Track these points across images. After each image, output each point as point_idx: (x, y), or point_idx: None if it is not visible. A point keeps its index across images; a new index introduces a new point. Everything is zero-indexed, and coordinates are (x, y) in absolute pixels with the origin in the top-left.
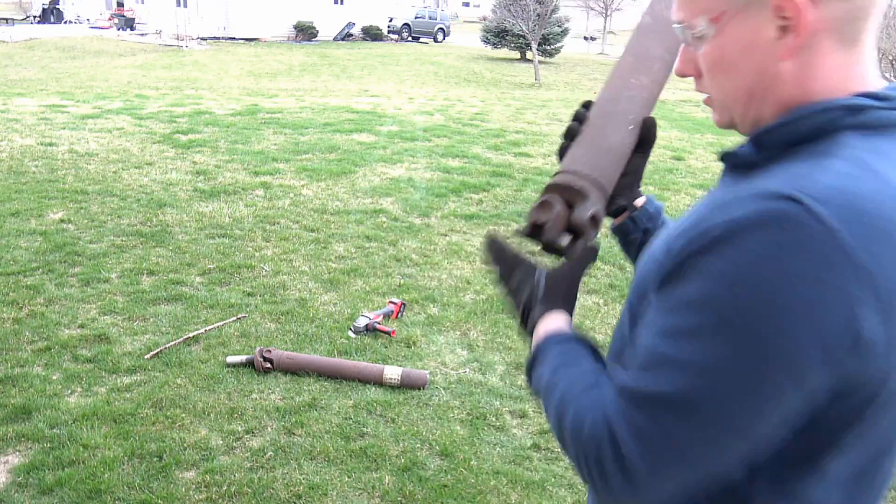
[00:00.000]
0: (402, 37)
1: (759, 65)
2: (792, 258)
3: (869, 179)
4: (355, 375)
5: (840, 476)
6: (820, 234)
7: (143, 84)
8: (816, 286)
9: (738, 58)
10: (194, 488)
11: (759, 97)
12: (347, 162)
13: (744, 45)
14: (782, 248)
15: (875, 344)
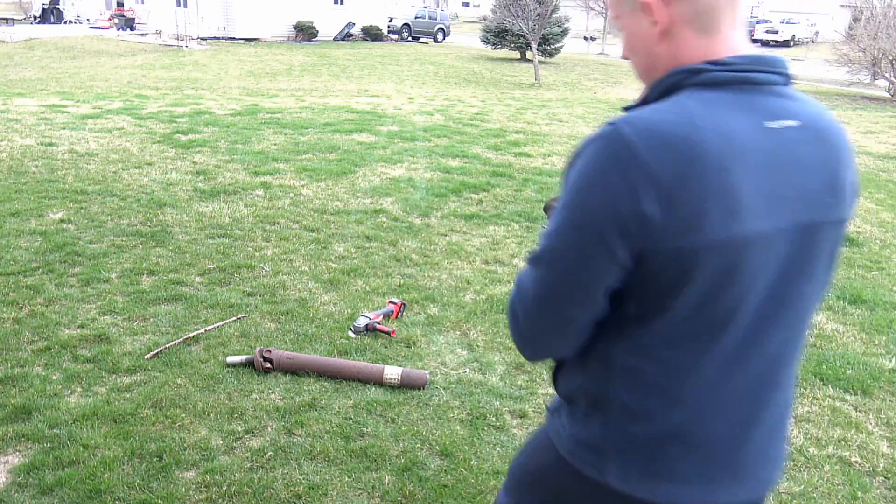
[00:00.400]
0: (402, 37)
1: (646, 48)
2: (602, 160)
3: (676, 114)
4: (355, 375)
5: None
6: (620, 145)
7: (143, 84)
8: (613, 176)
9: (635, 44)
10: (194, 488)
11: (652, 68)
12: (347, 162)
13: (635, 35)
14: (598, 154)
15: (657, 223)
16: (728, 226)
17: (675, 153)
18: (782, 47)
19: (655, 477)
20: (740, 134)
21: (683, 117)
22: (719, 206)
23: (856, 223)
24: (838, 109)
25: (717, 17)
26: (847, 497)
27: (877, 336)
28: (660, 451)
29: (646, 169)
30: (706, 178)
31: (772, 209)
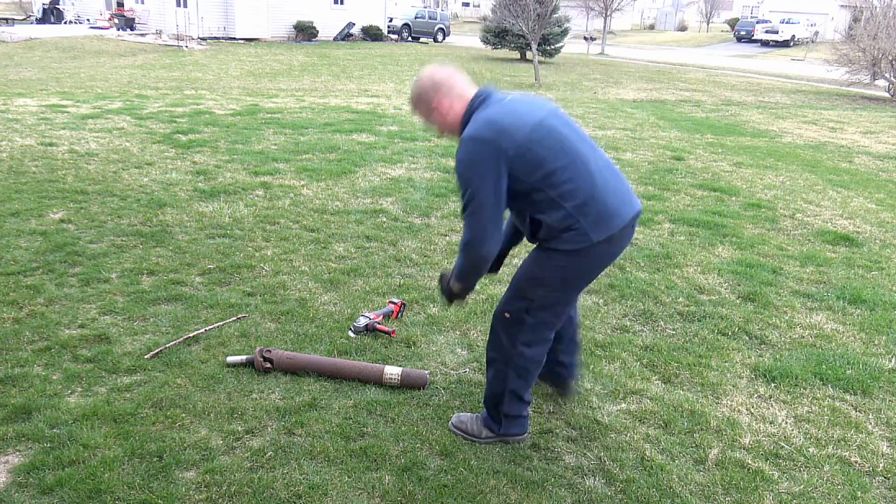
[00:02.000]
0: (402, 37)
1: (444, 122)
2: (471, 146)
3: (486, 114)
4: (355, 375)
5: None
6: (477, 137)
7: (144, 84)
8: (482, 149)
9: (441, 124)
10: (194, 488)
11: (453, 128)
12: (347, 162)
13: (438, 120)
14: (468, 145)
15: (512, 157)
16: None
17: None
18: (782, 47)
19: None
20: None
21: (491, 112)
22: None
23: (856, 223)
24: (838, 109)
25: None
26: (847, 497)
27: (877, 336)
28: (599, 215)
29: (495, 142)
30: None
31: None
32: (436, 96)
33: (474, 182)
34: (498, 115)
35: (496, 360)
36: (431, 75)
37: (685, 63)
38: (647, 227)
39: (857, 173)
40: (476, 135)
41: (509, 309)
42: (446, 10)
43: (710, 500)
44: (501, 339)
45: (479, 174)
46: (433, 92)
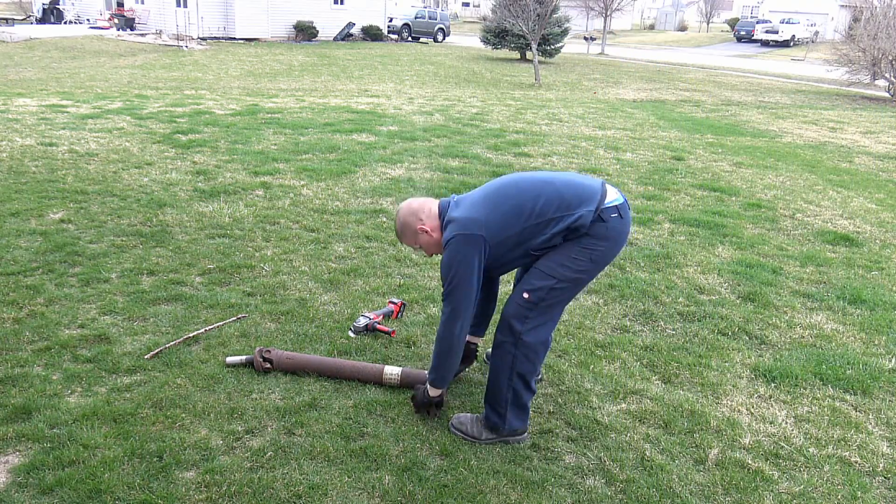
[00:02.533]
0: (402, 37)
1: (433, 240)
2: (459, 247)
3: (461, 217)
4: (355, 375)
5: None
6: (461, 239)
7: (144, 84)
8: (466, 250)
9: (430, 243)
10: (194, 488)
11: (437, 246)
12: (347, 162)
13: (426, 241)
14: (456, 246)
15: (485, 257)
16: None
17: (477, 234)
18: (782, 47)
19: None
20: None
21: (464, 215)
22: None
23: (856, 223)
24: (838, 109)
25: (433, 207)
26: (847, 497)
27: (877, 336)
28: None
29: (475, 245)
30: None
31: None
32: (417, 221)
33: (451, 268)
34: (469, 213)
35: (505, 342)
36: (408, 206)
37: (685, 63)
38: (647, 227)
39: (857, 173)
40: (456, 237)
41: (531, 289)
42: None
43: (710, 500)
44: (513, 324)
45: (457, 262)
46: (414, 218)
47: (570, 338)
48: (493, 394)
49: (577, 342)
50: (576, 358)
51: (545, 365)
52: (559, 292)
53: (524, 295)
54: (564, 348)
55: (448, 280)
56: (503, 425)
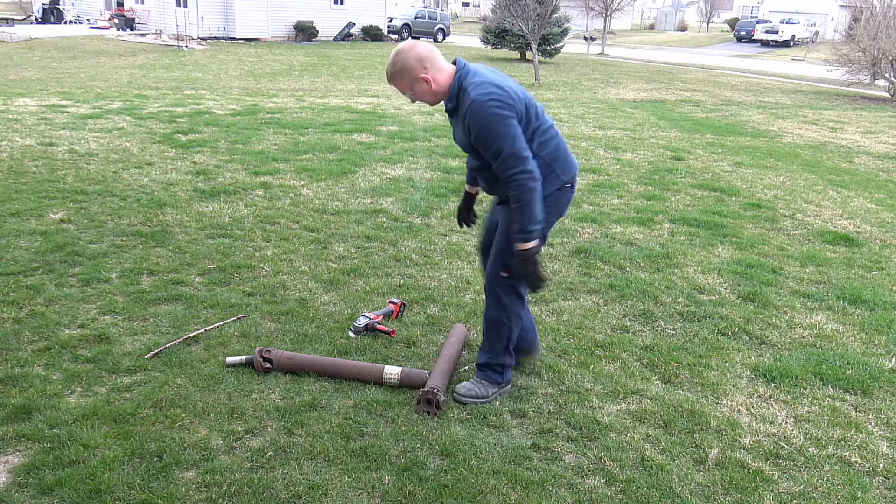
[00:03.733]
0: (402, 37)
1: (430, 91)
2: (490, 106)
3: (486, 78)
4: (355, 375)
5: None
6: (494, 97)
7: (144, 84)
8: (500, 105)
9: (425, 92)
10: (194, 488)
11: (439, 94)
12: (347, 162)
13: (424, 89)
14: (486, 106)
15: (521, 108)
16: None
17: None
18: (782, 47)
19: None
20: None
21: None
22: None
23: (856, 223)
24: (838, 109)
25: (441, 64)
26: (847, 497)
27: (877, 336)
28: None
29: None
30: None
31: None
32: (422, 69)
33: (500, 133)
34: (498, 79)
35: (500, 318)
36: (414, 51)
37: (685, 63)
38: (647, 227)
39: (857, 173)
40: (491, 95)
41: (504, 264)
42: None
43: (710, 500)
44: (501, 298)
45: (504, 125)
46: (419, 65)
47: (570, 338)
48: (496, 362)
49: (577, 342)
50: (576, 358)
51: (545, 365)
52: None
53: (501, 273)
54: (564, 348)
55: (491, 145)
56: (503, 378)
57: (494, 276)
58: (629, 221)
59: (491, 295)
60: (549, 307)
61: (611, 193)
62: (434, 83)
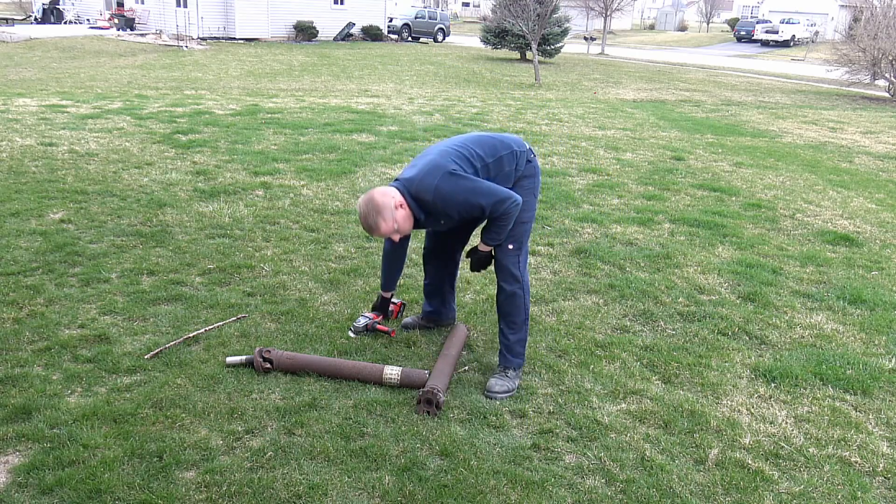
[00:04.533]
0: (402, 37)
1: (405, 217)
2: (447, 183)
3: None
4: (355, 375)
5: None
6: (447, 174)
7: (144, 84)
8: (458, 174)
9: (403, 219)
10: (194, 488)
11: (408, 220)
12: (347, 162)
13: (402, 217)
14: (444, 185)
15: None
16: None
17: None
18: (782, 47)
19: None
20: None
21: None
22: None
23: (856, 223)
24: (838, 109)
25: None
26: (847, 497)
27: (877, 336)
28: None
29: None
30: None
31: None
32: (391, 200)
33: (470, 193)
34: (431, 161)
35: (515, 291)
36: (371, 198)
37: (685, 63)
38: (647, 227)
39: (857, 173)
40: (440, 178)
41: (512, 241)
42: (446, 11)
43: (710, 500)
44: (513, 272)
45: (467, 187)
46: (389, 199)
47: (570, 338)
48: (516, 339)
49: (577, 342)
50: (576, 358)
51: (545, 365)
52: (528, 230)
53: (509, 246)
54: (564, 348)
55: (478, 199)
56: (523, 357)
57: (504, 252)
58: (629, 221)
59: (503, 272)
60: (549, 307)
61: (611, 193)
62: (404, 206)
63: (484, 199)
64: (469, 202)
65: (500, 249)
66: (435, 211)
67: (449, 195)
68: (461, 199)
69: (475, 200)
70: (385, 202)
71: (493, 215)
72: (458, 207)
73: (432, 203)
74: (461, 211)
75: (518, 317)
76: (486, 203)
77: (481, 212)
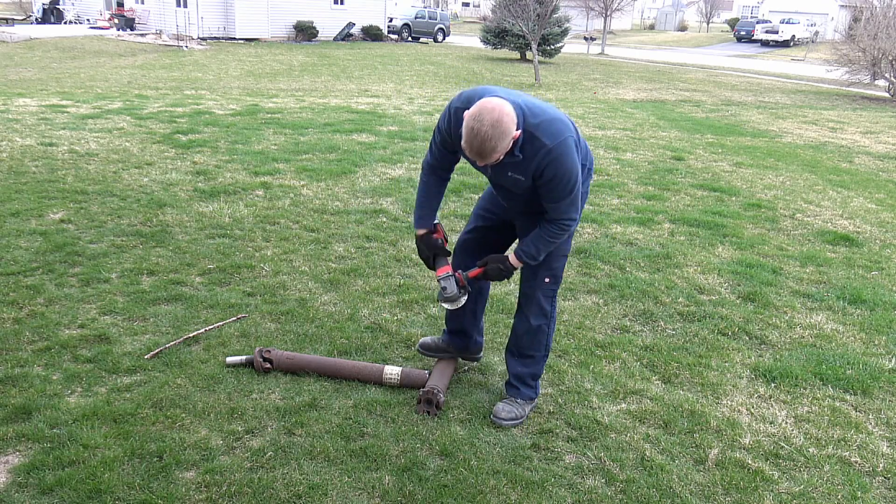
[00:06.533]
0: (402, 37)
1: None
2: (572, 151)
3: (553, 116)
4: (355, 375)
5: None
6: (572, 142)
7: (144, 84)
8: (574, 151)
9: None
10: (194, 488)
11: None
12: (347, 162)
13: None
14: (569, 150)
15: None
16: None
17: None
18: (782, 47)
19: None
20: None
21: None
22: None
23: (856, 223)
24: (838, 109)
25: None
26: (847, 497)
27: (877, 336)
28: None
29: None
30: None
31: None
32: (514, 126)
33: (575, 178)
34: (560, 115)
35: (542, 326)
36: (500, 114)
37: (685, 63)
38: (647, 227)
39: (857, 173)
40: (567, 137)
41: (549, 274)
42: (446, 10)
43: (710, 500)
44: (543, 305)
45: (578, 168)
46: (512, 125)
47: (570, 338)
48: (530, 371)
49: (577, 342)
50: (576, 358)
51: (545, 365)
52: (565, 263)
53: (546, 280)
54: (564, 348)
55: (570, 188)
56: (537, 392)
57: (539, 285)
58: (629, 221)
59: (532, 304)
60: None
61: (611, 193)
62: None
63: (568, 193)
64: (562, 182)
65: (536, 281)
66: (528, 164)
67: (559, 159)
68: (562, 172)
69: (565, 185)
70: (510, 128)
71: (552, 217)
72: (550, 177)
73: (541, 153)
74: (547, 184)
75: (538, 352)
76: (565, 197)
77: (552, 201)
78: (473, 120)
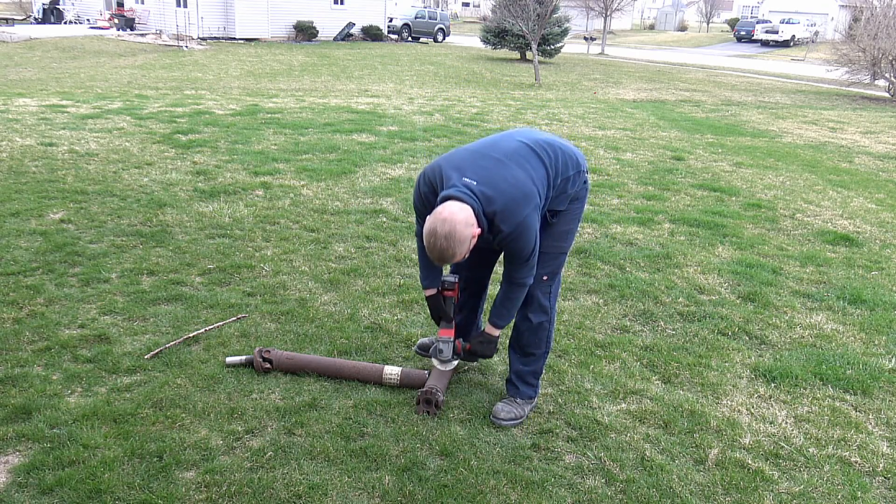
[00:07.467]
0: (402, 37)
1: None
2: (531, 223)
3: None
4: (355, 375)
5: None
6: (533, 215)
7: (144, 84)
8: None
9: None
10: (194, 488)
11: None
12: (347, 162)
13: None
14: (529, 222)
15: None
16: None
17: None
18: (782, 47)
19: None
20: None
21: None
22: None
23: (856, 223)
24: (838, 109)
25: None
26: (847, 497)
27: (877, 336)
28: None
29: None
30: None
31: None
32: (470, 230)
33: (531, 247)
34: (519, 189)
35: (542, 322)
36: (452, 224)
37: (685, 63)
38: (647, 227)
39: (857, 173)
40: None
41: (547, 271)
42: (446, 10)
43: (710, 500)
44: (543, 303)
45: (533, 241)
46: (468, 230)
47: (570, 338)
48: (531, 369)
49: (577, 342)
50: (576, 358)
51: (545, 365)
52: (564, 261)
53: (543, 278)
54: (564, 348)
55: (526, 257)
56: (536, 391)
57: (537, 283)
58: (629, 221)
59: (532, 302)
60: None
61: (611, 193)
62: (475, 237)
63: (525, 261)
64: (521, 253)
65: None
66: (491, 237)
67: (517, 240)
68: (520, 247)
69: (522, 255)
70: (466, 234)
71: (512, 277)
72: (509, 249)
73: (500, 235)
74: (511, 247)
75: (538, 349)
76: (523, 264)
77: (510, 263)
78: (429, 235)
